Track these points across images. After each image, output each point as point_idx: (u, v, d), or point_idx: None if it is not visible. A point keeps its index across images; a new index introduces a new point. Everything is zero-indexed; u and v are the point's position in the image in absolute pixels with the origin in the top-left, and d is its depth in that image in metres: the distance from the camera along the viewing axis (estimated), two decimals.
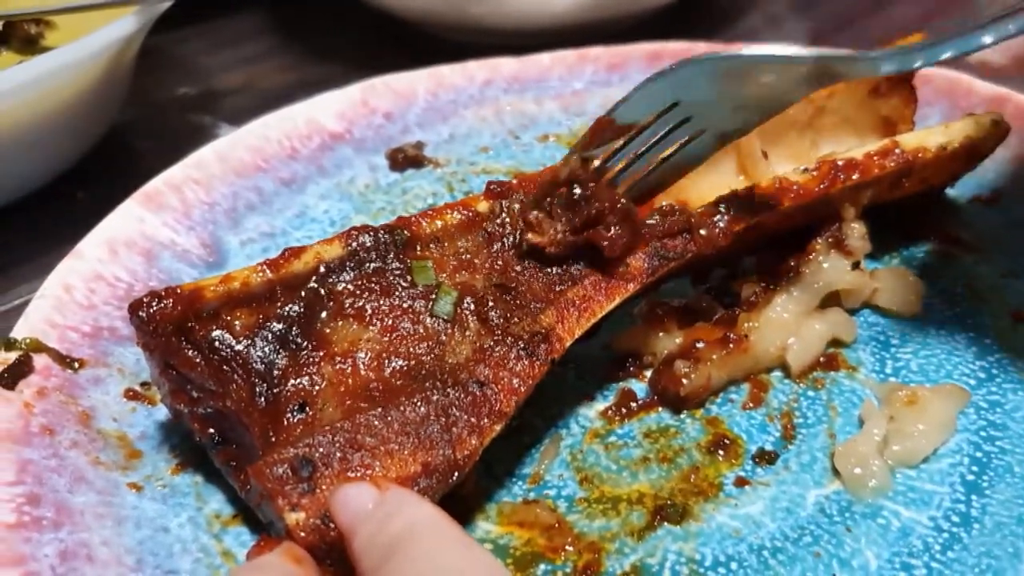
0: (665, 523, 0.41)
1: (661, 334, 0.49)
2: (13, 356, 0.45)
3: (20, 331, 0.47)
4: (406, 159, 0.64)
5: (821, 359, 0.48)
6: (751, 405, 0.47)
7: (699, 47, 0.70)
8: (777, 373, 0.48)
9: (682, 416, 0.46)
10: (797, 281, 0.50)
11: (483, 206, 0.47)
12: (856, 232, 0.52)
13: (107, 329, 0.49)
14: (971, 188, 0.59)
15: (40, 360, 0.46)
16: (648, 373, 0.48)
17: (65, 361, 0.46)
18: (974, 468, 0.43)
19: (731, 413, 0.46)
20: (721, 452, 0.44)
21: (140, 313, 0.41)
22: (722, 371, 0.47)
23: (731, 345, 0.47)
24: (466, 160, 0.64)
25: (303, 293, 0.43)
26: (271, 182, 0.61)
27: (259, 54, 0.90)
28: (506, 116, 0.68)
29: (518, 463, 0.44)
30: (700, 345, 0.47)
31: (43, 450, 0.42)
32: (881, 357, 0.49)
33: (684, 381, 0.46)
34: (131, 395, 0.46)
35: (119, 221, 0.54)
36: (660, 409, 0.47)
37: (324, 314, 0.43)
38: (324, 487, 0.37)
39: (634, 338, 0.49)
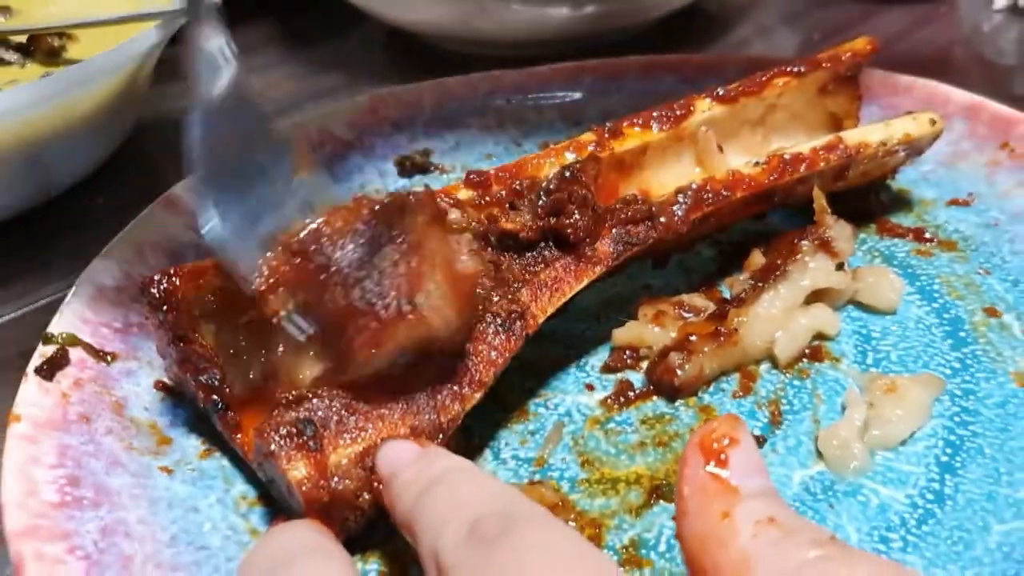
0: (661, 501, 0.44)
1: (657, 329, 0.52)
2: (51, 349, 0.48)
3: (56, 326, 0.50)
4: (414, 166, 0.67)
5: (806, 351, 0.51)
6: (741, 394, 0.50)
7: (692, 59, 0.73)
8: (765, 364, 0.51)
9: (676, 404, 0.49)
10: (784, 280, 0.53)
11: (463, 194, 0.50)
12: (842, 235, 0.56)
13: (136, 325, 0.52)
14: (948, 191, 0.62)
15: (75, 353, 0.49)
16: (644, 365, 0.51)
17: (98, 354, 0.49)
18: (948, 450, 0.46)
19: (722, 401, 0.49)
20: None
21: (152, 290, 0.45)
22: (714, 362, 0.50)
23: (722, 339, 0.50)
24: (471, 166, 0.67)
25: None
26: None
27: (268, 64, 0.94)
28: (509, 125, 0.71)
29: (524, 448, 0.47)
30: (693, 338, 0.50)
31: (81, 436, 0.45)
32: (863, 349, 0.52)
33: (678, 372, 0.49)
34: (160, 386, 0.49)
35: (144, 224, 0.57)
36: (656, 398, 0.50)
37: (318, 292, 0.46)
38: (323, 446, 0.41)
39: (632, 333, 0.52)
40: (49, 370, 0.47)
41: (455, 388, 0.44)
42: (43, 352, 0.48)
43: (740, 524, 0.31)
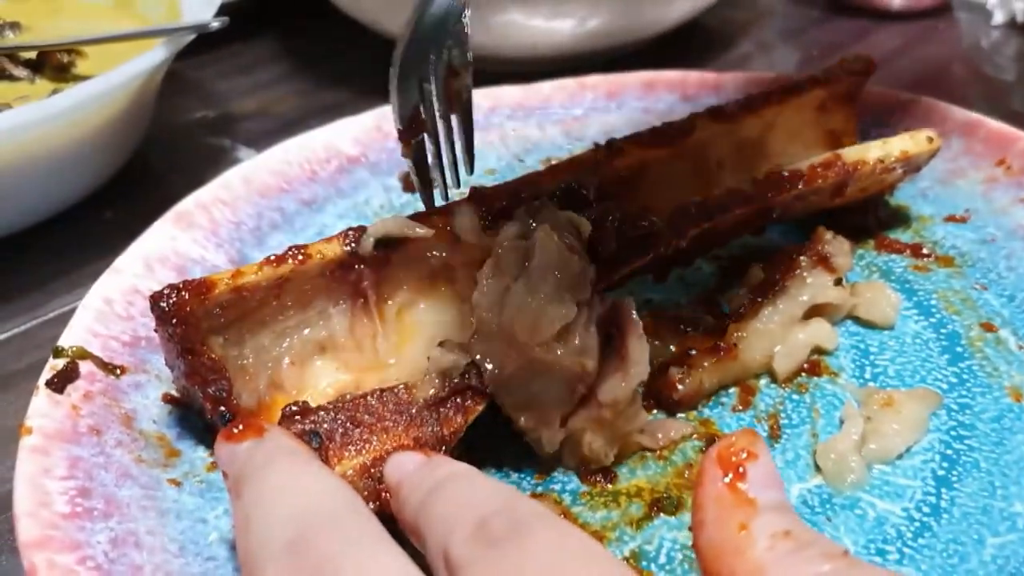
0: (661, 514, 0.45)
1: (657, 343, 0.52)
2: (61, 363, 0.49)
3: (66, 340, 0.50)
4: None
5: (805, 366, 0.52)
6: (740, 408, 0.50)
7: (691, 76, 0.74)
8: (764, 379, 0.52)
9: (677, 418, 0.50)
10: (783, 295, 0.54)
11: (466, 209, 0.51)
12: (840, 250, 0.57)
13: (145, 339, 0.53)
14: (945, 207, 0.63)
15: (85, 367, 0.49)
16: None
17: (108, 368, 0.50)
18: (944, 464, 0.46)
19: (722, 415, 0.50)
20: None
21: (161, 304, 0.46)
22: (713, 377, 0.51)
23: (721, 353, 0.51)
24: (474, 182, 0.68)
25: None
26: (293, 203, 0.65)
27: (273, 80, 0.95)
28: (511, 141, 0.72)
29: (527, 461, 0.48)
30: (693, 353, 0.51)
31: (91, 448, 0.46)
32: (861, 364, 0.53)
33: (678, 386, 0.50)
34: (168, 399, 0.50)
35: (153, 239, 0.58)
36: (656, 411, 0.50)
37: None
38: (329, 457, 0.42)
39: None
40: (59, 383, 0.48)
41: (458, 401, 0.45)
42: (53, 365, 0.49)
43: (756, 536, 0.32)
